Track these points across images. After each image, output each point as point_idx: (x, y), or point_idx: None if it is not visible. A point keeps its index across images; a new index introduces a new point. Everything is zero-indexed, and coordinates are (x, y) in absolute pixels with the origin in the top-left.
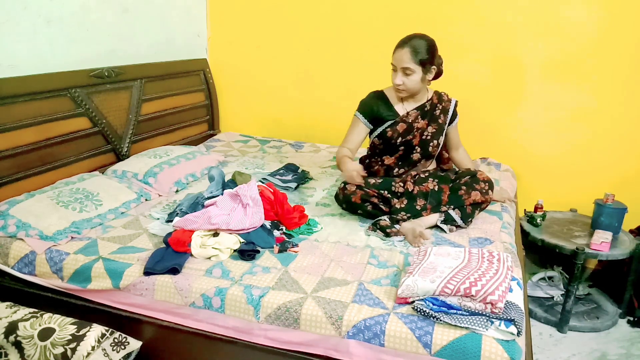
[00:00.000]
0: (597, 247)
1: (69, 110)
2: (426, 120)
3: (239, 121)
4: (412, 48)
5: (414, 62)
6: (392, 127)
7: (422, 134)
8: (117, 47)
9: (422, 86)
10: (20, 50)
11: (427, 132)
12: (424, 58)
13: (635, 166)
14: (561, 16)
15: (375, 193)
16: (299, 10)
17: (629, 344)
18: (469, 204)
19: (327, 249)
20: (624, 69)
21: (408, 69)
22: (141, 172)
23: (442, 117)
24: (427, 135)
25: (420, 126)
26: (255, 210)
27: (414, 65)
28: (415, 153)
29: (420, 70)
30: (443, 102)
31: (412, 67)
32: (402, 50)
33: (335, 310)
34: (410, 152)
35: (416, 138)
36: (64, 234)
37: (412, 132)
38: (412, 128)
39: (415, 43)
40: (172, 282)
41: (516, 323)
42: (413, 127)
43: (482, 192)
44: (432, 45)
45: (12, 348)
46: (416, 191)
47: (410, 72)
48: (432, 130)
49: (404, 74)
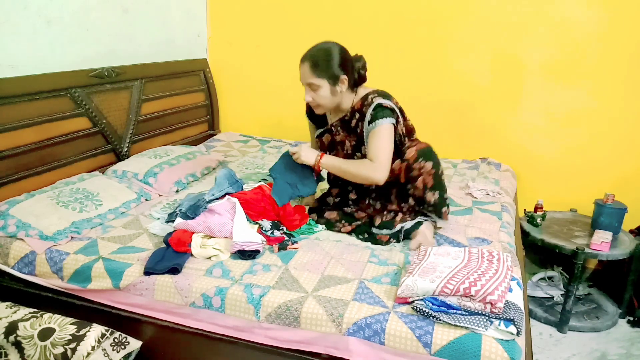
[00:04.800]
0: (597, 247)
1: (69, 110)
2: (345, 133)
3: (239, 121)
4: (311, 62)
5: (316, 76)
6: (320, 137)
7: (343, 148)
8: (117, 47)
9: (337, 99)
10: (20, 50)
11: (347, 146)
12: (326, 70)
13: (635, 166)
14: (561, 16)
15: (336, 217)
16: (299, 10)
17: (629, 344)
18: (420, 195)
19: (327, 247)
20: (623, 69)
21: (312, 84)
22: (141, 172)
23: (360, 125)
24: (347, 150)
25: (340, 139)
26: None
27: (317, 79)
28: None
29: (326, 84)
30: (363, 108)
31: (315, 82)
32: (303, 65)
33: (336, 308)
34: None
35: (340, 152)
36: (64, 234)
37: (336, 145)
38: (335, 142)
39: (314, 55)
40: (172, 282)
41: (516, 323)
42: (336, 141)
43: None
44: (333, 54)
45: (12, 348)
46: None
47: (316, 87)
48: (351, 143)
49: (311, 90)
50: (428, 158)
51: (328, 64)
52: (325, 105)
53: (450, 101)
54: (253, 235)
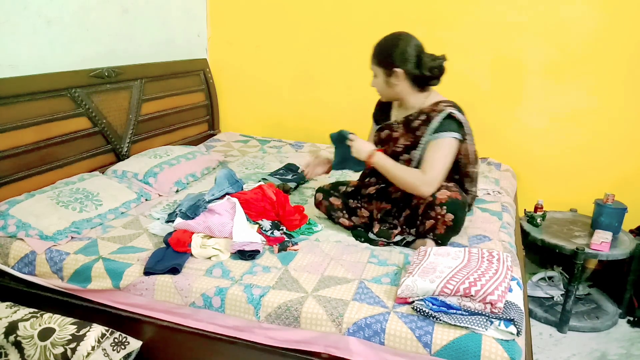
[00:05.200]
0: (597, 247)
1: (69, 110)
2: (404, 131)
3: (239, 121)
4: (375, 49)
5: (374, 64)
6: (378, 132)
7: (395, 144)
8: (117, 47)
9: (392, 91)
10: (20, 50)
11: (399, 144)
12: (381, 59)
13: (635, 166)
14: (561, 16)
15: (339, 205)
16: (299, 10)
17: (629, 344)
18: (423, 231)
19: (327, 248)
20: (623, 69)
21: (372, 70)
22: (141, 172)
23: (422, 128)
24: (398, 147)
25: (396, 136)
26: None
27: (374, 67)
28: None
29: (381, 73)
30: (432, 112)
31: (373, 69)
32: (372, 52)
33: (336, 308)
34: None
35: (390, 148)
36: (64, 234)
37: (389, 141)
38: (390, 137)
39: (380, 43)
40: (172, 282)
41: (516, 323)
42: (392, 137)
43: (438, 218)
44: (397, 45)
45: (12, 348)
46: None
47: (374, 74)
48: (405, 142)
49: (373, 76)
50: (453, 210)
51: (386, 54)
52: (382, 93)
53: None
54: (253, 235)
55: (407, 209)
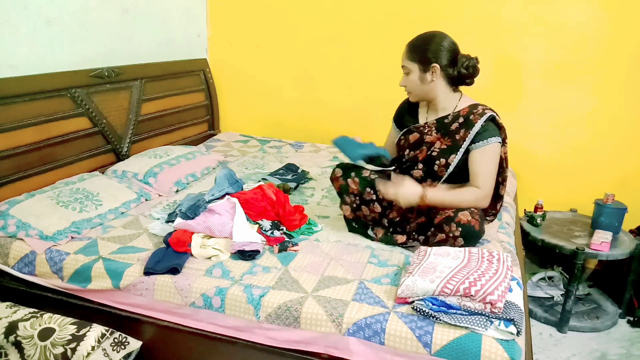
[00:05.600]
0: (597, 247)
1: (69, 110)
2: (440, 134)
3: (239, 121)
4: (409, 45)
5: (408, 59)
6: (405, 135)
7: (429, 148)
8: (117, 47)
9: (428, 88)
10: (20, 50)
11: (435, 147)
12: (418, 56)
13: (635, 166)
14: (561, 16)
15: (355, 190)
16: (299, 10)
17: (629, 344)
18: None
19: (327, 248)
20: (623, 69)
21: (405, 67)
22: (141, 172)
23: (462, 133)
24: (434, 151)
25: (430, 140)
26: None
27: (409, 62)
28: (417, 170)
29: (417, 69)
30: (471, 115)
31: (407, 65)
32: (405, 48)
33: (336, 308)
34: (413, 167)
35: (422, 152)
36: (64, 234)
37: (422, 145)
38: (422, 141)
39: (415, 39)
40: (172, 282)
41: (516, 323)
42: (424, 140)
43: (450, 235)
44: (432, 43)
45: (12, 348)
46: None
47: (407, 71)
48: (441, 146)
49: (405, 74)
50: (465, 236)
51: (422, 48)
52: (415, 91)
53: None
54: (253, 235)
55: (423, 216)
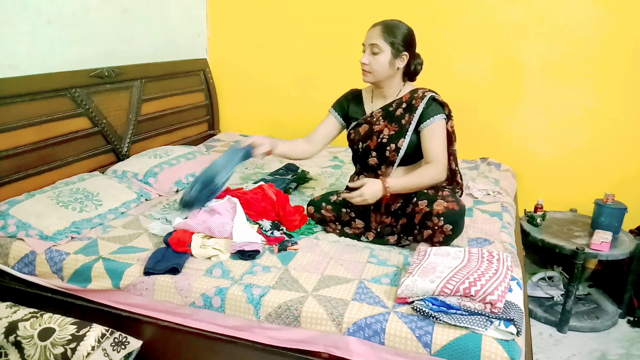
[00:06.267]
0: (597, 247)
1: (69, 110)
2: (386, 122)
3: (239, 121)
4: (384, 26)
5: (383, 40)
6: (355, 128)
7: (378, 136)
8: (117, 47)
9: (389, 73)
10: (20, 50)
11: (384, 134)
12: (396, 39)
13: (635, 166)
14: (561, 16)
15: (331, 217)
16: (299, 10)
17: (629, 344)
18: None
19: (327, 248)
20: (623, 69)
21: (376, 45)
22: (141, 172)
23: (407, 116)
24: (383, 138)
25: (379, 128)
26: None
27: (383, 42)
28: (372, 157)
29: (389, 51)
30: (413, 100)
31: (380, 45)
32: (374, 28)
33: (336, 308)
34: (367, 156)
35: (373, 141)
36: (64, 234)
37: (372, 135)
38: (372, 131)
39: (391, 23)
40: (172, 282)
41: (516, 323)
42: (373, 130)
43: (435, 228)
44: (408, 33)
45: (12, 348)
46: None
47: (377, 51)
48: (390, 132)
49: (371, 53)
50: (451, 221)
51: (399, 33)
52: (378, 73)
53: (451, 101)
54: (253, 236)
55: (404, 218)
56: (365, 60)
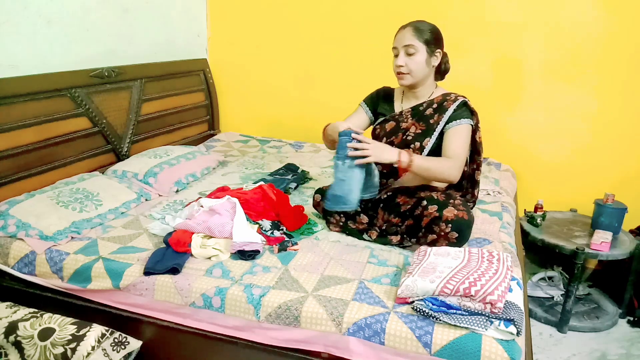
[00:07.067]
0: (597, 247)
1: (69, 110)
2: (414, 120)
3: (239, 121)
4: (414, 27)
5: (417, 39)
6: (382, 124)
7: (404, 133)
8: (117, 47)
9: (426, 72)
10: (20, 50)
11: (410, 132)
12: (428, 37)
13: (635, 166)
14: (561, 16)
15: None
16: (299, 10)
17: (629, 344)
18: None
19: (326, 248)
20: (624, 69)
21: (411, 46)
22: (141, 172)
23: (436, 117)
24: (409, 135)
25: (406, 126)
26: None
27: (417, 42)
28: None
29: (424, 50)
30: (445, 101)
31: (415, 45)
32: (405, 29)
33: (336, 308)
34: None
35: (398, 138)
36: (64, 234)
37: (398, 132)
38: (398, 128)
39: (419, 24)
40: (172, 282)
41: (516, 323)
42: (400, 127)
43: (441, 234)
44: (437, 31)
45: (12, 348)
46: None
47: (413, 51)
48: (416, 130)
49: (406, 54)
50: (458, 230)
51: (430, 32)
52: (416, 72)
53: None
54: (253, 236)
55: (411, 219)
56: (401, 62)
